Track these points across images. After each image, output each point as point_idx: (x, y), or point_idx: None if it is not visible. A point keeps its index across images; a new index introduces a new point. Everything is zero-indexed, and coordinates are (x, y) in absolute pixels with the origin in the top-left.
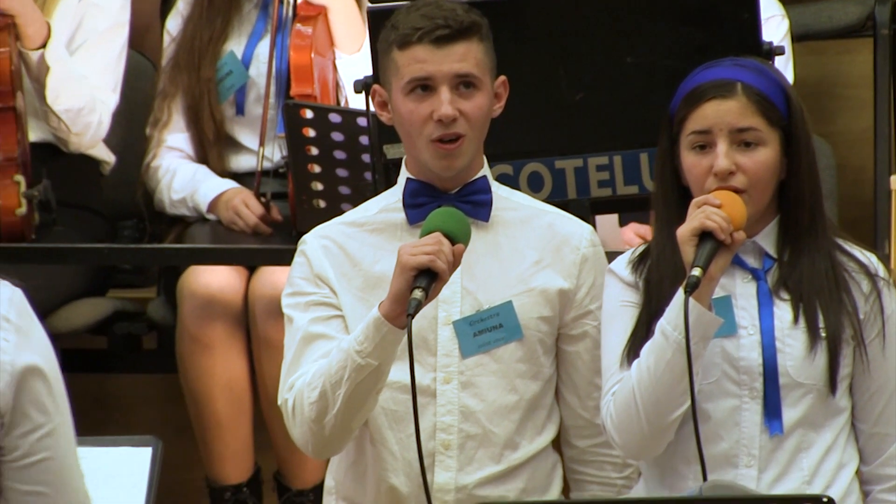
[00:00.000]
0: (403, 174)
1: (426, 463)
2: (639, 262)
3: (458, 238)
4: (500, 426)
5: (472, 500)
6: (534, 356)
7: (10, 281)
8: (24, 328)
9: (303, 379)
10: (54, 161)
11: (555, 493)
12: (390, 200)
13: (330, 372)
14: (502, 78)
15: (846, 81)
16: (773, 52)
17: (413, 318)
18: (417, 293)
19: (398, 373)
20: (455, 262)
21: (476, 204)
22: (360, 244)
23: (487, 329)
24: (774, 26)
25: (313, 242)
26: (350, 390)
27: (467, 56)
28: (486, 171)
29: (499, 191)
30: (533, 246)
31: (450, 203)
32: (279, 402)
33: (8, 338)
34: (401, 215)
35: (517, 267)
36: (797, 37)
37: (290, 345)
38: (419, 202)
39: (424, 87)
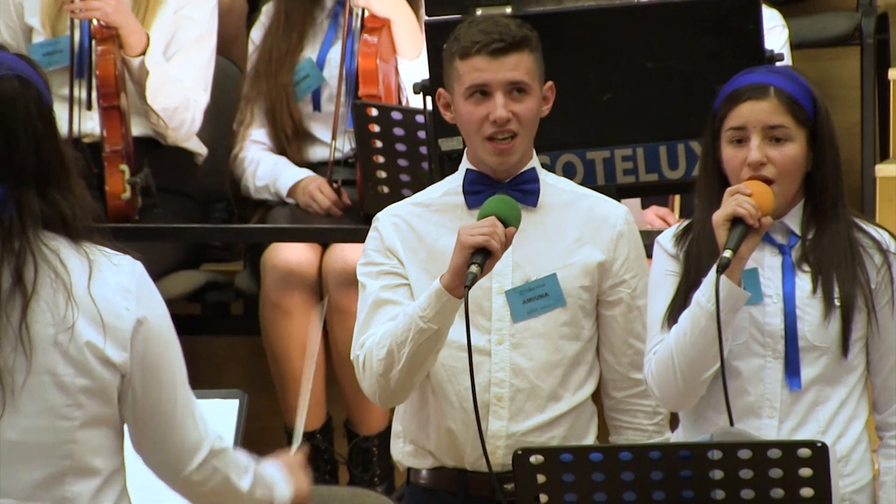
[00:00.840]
0: (464, 164)
1: (481, 413)
2: (681, 237)
3: (509, 222)
4: (545, 381)
5: (521, 445)
6: (575, 320)
7: (132, 255)
8: (144, 297)
9: (373, 339)
10: (154, 152)
11: (590, 439)
12: (452, 186)
13: (396, 333)
14: (550, 83)
15: (837, 83)
16: (773, 58)
17: (470, 289)
18: (474, 268)
19: (456, 334)
20: (507, 243)
21: (526, 192)
22: (425, 222)
23: (535, 297)
24: (776, 36)
25: (385, 220)
26: (413, 350)
27: (519, 65)
28: (535, 162)
29: (546, 178)
30: (575, 226)
31: (503, 191)
32: (352, 358)
33: (129, 307)
34: (461, 199)
35: (561, 244)
36: (795, 45)
37: (362, 308)
38: (476, 189)
39: (482, 92)
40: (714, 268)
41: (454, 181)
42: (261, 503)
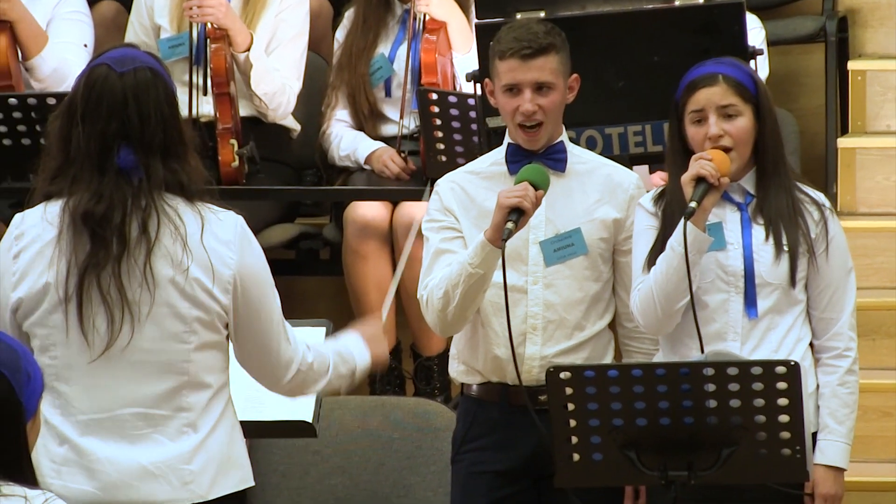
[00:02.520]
0: (506, 139)
1: (519, 340)
2: (658, 198)
3: (539, 186)
4: (571, 314)
5: (550, 366)
6: (595, 265)
7: (235, 210)
8: (244, 246)
9: (433, 281)
10: (257, 129)
11: (608, 360)
12: (497, 157)
13: (451, 277)
14: (575, 75)
15: (806, 73)
16: (754, 53)
17: (506, 242)
18: (510, 224)
19: (500, 277)
20: (536, 203)
21: (556, 160)
22: (476, 187)
23: (563, 247)
24: (755, 35)
25: (444, 185)
26: (464, 290)
27: (545, 67)
28: (563, 136)
29: (573, 150)
30: (596, 189)
31: (538, 160)
32: (418, 296)
33: (232, 256)
34: (504, 168)
35: (584, 203)
36: (771, 42)
37: (426, 256)
38: (516, 159)
39: (514, 88)
40: (683, 217)
41: (499, 153)
42: (345, 377)
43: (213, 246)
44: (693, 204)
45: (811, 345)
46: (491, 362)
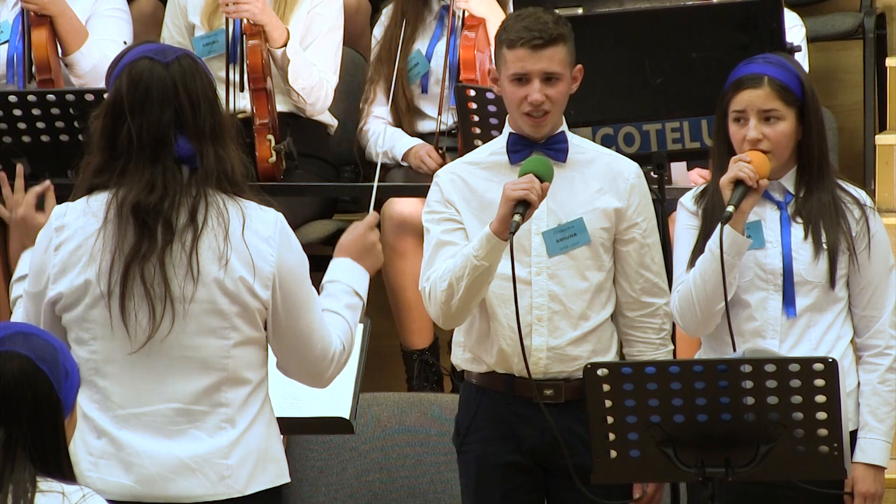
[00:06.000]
0: (507, 128)
1: (525, 331)
2: (699, 197)
3: (544, 178)
4: (575, 304)
5: (558, 358)
6: (598, 255)
7: (274, 207)
8: (283, 243)
9: (436, 273)
10: (295, 124)
11: (613, 351)
12: (496, 147)
13: (455, 270)
14: (579, 66)
15: (844, 69)
16: (793, 49)
17: (514, 234)
18: (517, 217)
19: (504, 268)
20: (542, 195)
21: (557, 150)
22: (476, 177)
23: (566, 237)
24: (796, 32)
25: (444, 176)
26: (469, 283)
27: (554, 58)
28: (563, 127)
29: (573, 140)
30: (596, 178)
31: (539, 150)
32: (419, 289)
33: (272, 252)
34: (504, 157)
35: (585, 193)
36: (810, 39)
37: (427, 248)
38: (517, 149)
39: (523, 78)
40: (721, 221)
41: (498, 143)
42: (359, 315)
43: (253, 242)
44: (730, 208)
45: (853, 342)
46: (497, 355)
